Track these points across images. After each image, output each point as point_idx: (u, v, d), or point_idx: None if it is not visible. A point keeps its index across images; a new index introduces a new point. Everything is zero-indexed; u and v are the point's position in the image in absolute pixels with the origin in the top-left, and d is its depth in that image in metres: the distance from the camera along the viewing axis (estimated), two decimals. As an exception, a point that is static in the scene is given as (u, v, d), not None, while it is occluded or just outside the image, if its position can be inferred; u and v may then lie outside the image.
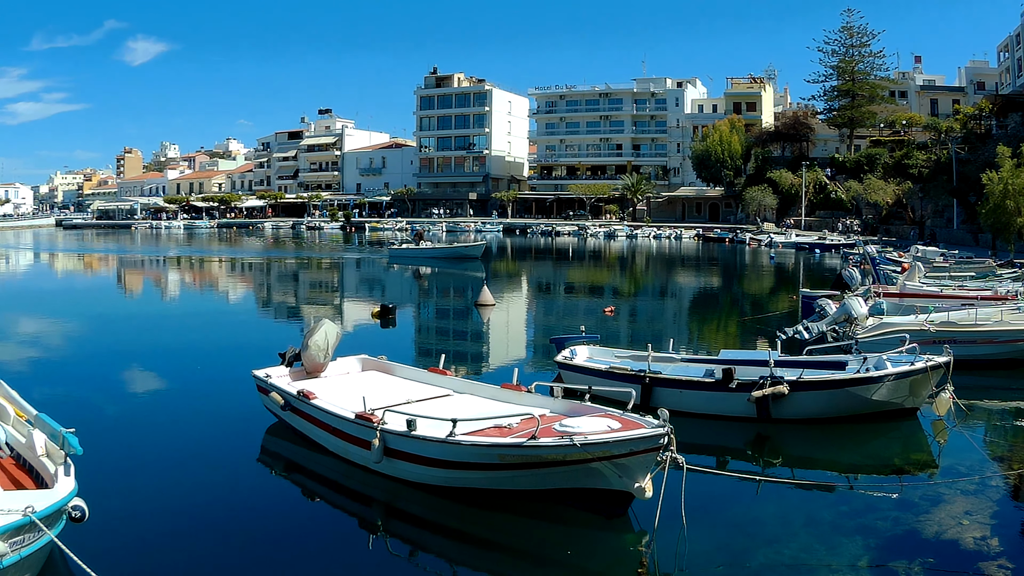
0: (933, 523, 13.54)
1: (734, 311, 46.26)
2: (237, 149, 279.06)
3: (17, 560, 10.17)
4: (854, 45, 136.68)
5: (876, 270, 45.50)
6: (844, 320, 26.93)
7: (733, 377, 19.51)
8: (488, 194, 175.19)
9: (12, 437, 13.96)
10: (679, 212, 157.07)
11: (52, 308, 44.35)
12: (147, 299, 54.14)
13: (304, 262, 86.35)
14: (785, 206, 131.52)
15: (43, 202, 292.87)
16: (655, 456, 13.04)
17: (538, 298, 53.94)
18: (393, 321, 37.26)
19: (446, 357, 20.84)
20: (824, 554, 12.46)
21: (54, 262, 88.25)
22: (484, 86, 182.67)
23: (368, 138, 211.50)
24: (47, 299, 50.62)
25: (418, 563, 12.89)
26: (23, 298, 51.36)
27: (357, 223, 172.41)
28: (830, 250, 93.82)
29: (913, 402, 19.80)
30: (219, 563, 12.48)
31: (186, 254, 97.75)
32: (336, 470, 16.32)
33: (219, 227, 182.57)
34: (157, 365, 27.80)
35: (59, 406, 18.87)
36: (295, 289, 59.98)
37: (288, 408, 17.96)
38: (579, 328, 27.17)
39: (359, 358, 21.68)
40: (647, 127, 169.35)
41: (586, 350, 23.84)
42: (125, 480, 15.83)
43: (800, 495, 15.35)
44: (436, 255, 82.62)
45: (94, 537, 12.21)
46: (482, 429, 14.59)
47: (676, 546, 12.81)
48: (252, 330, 38.24)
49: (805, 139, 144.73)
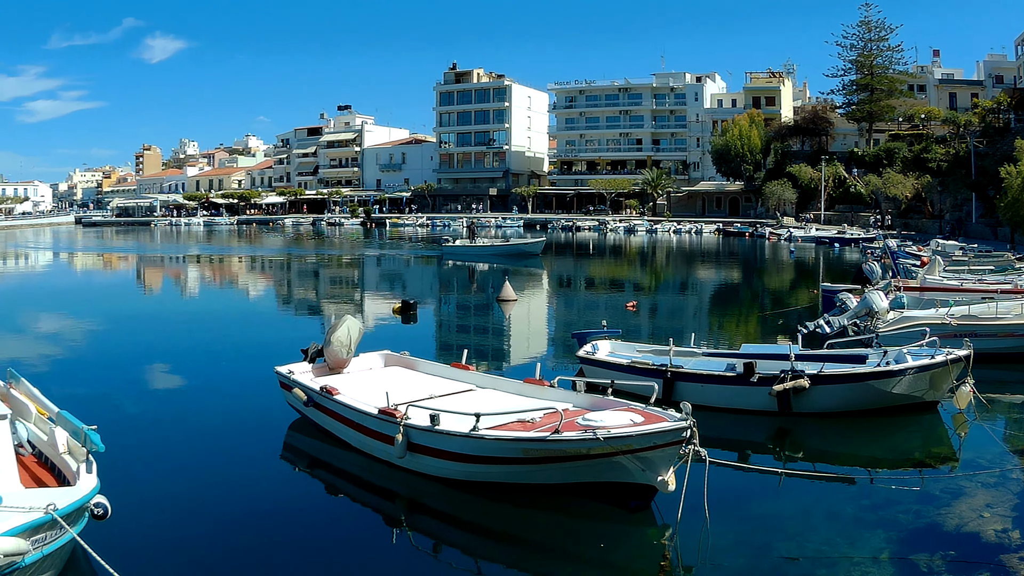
0: (954, 516, 13.55)
1: (755, 305, 46.18)
2: (256, 146, 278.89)
3: (39, 558, 10.16)
4: (872, 39, 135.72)
5: (896, 264, 45.41)
6: (865, 314, 26.86)
7: (754, 371, 19.54)
8: (508, 189, 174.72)
9: (34, 435, 14.03)
10: (699, 207, 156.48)
11: (73, 306, 44.56)
12: (168, 296, 54.33)
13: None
14: (804, 200, 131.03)
15: (62, 200, 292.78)
16: (678, 450, 13.09)
17: (559, 293, 53.91)
18: (414, 317, 37.32)
19: (468, 352, 20.87)
20: (846, 547, 12.49)
21: (73, 261, 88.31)
22: (503, 81, 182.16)
23: (388, 134, 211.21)
24: (68, 297, 50.86)
25: (441, 557, 12.96)
26: (44, 296, 51.57)
27: (377, 219, 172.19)
28: (850, 244, 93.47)
29: (933, 395, 19.79)
30: (242, 560, 12.54)
31: (207, 252, 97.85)
32: (359, 465, 16.40)
33: (239, 224, 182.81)
34: (179, 362, 27.91)
35: (81, 404, 19.02)
36: (317, 286, 60.11)
37: (311, 404, 18.04)
38: (600, 323, 27.14)
39: (382, 354, 21.76)
40: (667, 122, 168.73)
41: (608, 345, 23.88)
42: (147, 477, 15.91)
43: (821, 488, 15.35)
44: (493, 252, 79.42)
45: (116, 535, 12.28)
46: (505, 424, 14.66)
47: (699, 539, 12.88)
48: (274, 327, 38.38)
49: (824, 133, 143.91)
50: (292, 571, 12.20)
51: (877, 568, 11.81)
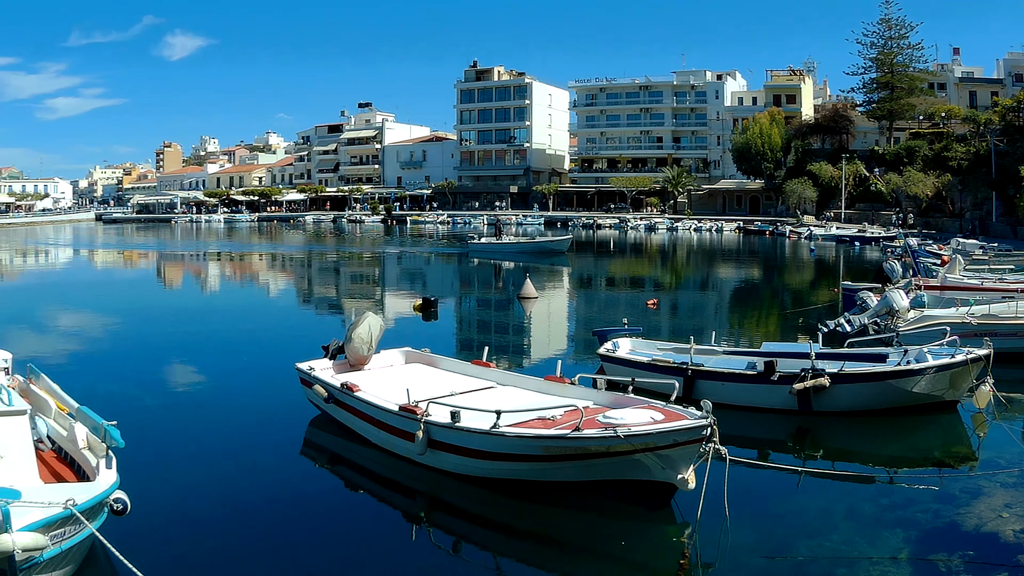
0: (973, 516, 13.52)
1: (775, 304, 46.08)
2: (277, 143, 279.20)
3: (57, 553, 10.19)
4: (893, 37, 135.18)
5: (916, 263, 45.27)
6: (885, 313, 26.81)
7: (775, 369, 19.54)
8: (529, 187, 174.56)
9: (54, 431, 14.12)
10: (720, 205, 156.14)
11: (93, 302, 44.83)
12: (189, 293, 54.51)
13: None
14: (825, 199, 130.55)
15: (82, 197, 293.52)
16: (698, 448, 13.10)
17: (580, 291, 53.94)
18: (435, 314, 37.39)
19: (489, 349, 20.93)
20: (865, 547, 12.48)
21: (93, 257, 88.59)
22: (524, 79, 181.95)
23: (408, 131, 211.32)
24: (88, 293, 51.02)
25: (461, 554, 13.01)
26: (64, 292, 51.75)
27: (398, 216, 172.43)
28: (870, 243, 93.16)
29: (953, 395, 19.74)
30: (261, 557, 12.55)
31: (227, 249, 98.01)
32: (380, 462, 16.46)
33: (260, 221, 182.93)
34: (199, 359, 28.01)
35: (101, 399, 19.08)
36: (337, 283, 60.23)
37: (331, 401, 18.10)
38: (621, 321, 27.14)
39: (403, 351, 21.82)
40: (687, 120, 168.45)
41: (628, 343, 23.87)
42: (167, 473, 15.98)
43: (841, 487, 15.31)
44: (519, 250, 79.21)
45: (136, 530, 12.34)
46: (526, 421, 14.69)
47: (719, 537, 12.89)
48: (295, 323, 38.47)
49: (845, 131, 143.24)
50: (312, 567, 12.24)
51: (896, 568, 11.80)
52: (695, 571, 12.17)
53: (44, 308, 42.01)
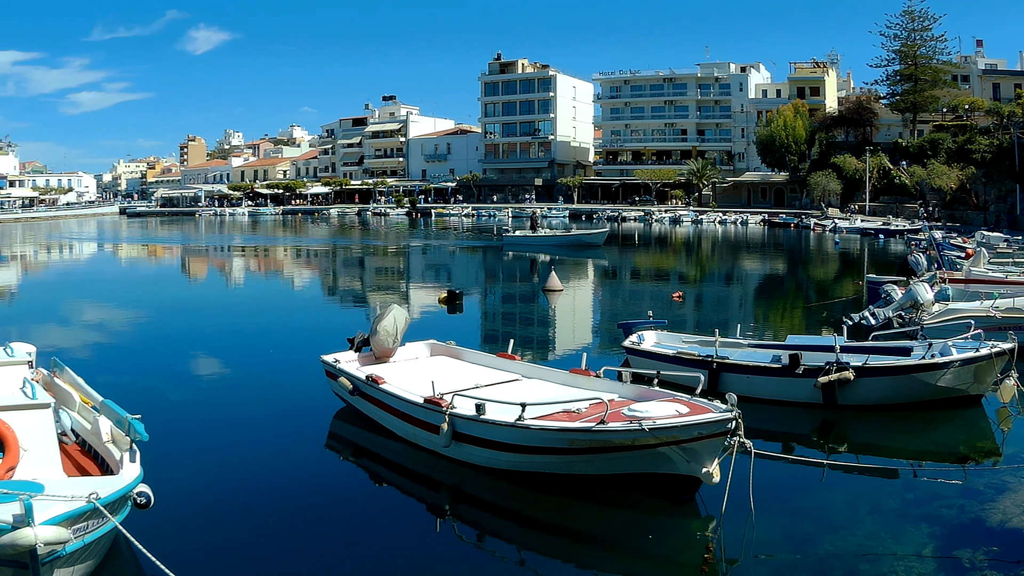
0: (998, 511, 13.42)
1: (800, 297, 45.97)
2: (301, 136, 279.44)
3: (80, 546, 10.15)
4: (916, 29, 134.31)
5: (941, 256, 45.01)
6: (910, 306, 26.66)
7: (799, 363, 19.45)
8: (554, 180, 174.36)
9: (78, 424, 14.18)
10: (744, 197, 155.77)
11: (117, 295, 45.14)
12: (213, 285, 54.89)
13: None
14: (849, 191, 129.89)
15: (106, 190, 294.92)
16: (723, 441, 13.05)
17: (605, 283, 53.91)
18: (460, 307, 37.43)
19: (514, 342, 20.90)
20: (890, 542, 12.40)
21: (117, 251, 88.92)
22: (548, 72, 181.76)
23: (433, 124, 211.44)
24: (112, 286, 51.45)
25: (485, 547, 13.02)
26: (88, 286, 52.11)
27: (423, 209, 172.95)
28: (894, 236, 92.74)
29: (977, 389, 19.58)
30: (285, 550, 12.54)
31: (252, 243, 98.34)
32: (404, 455, 16.47)
33: (284, 214, 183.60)
34: (224, 351, 28.17)
35: (125, 392, 19.09)
36: (363, 275, 60.36)
37: (356, 393, 18.12)
38: (646, 313, 27.10)
39: (428, 343, 21.81)
40: (711, 112, 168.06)
41: (653, 335, 23.82)
42: (191, 466, 16.02)
43: (865, 482, 15.26)
44: (554, 243, 78.75)
45: (159, 523, 12.32)
46: (551, 414, 14.65)
47: (743, 532, 12.82)
48: (320, 315, 38.60)
49: (868, 124, 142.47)
50: (336, 560, 12.26)
51: (920, 564, 11.71)
52: (720, 565, 12.12)
53: (68, 302, 42.28)
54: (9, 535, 9.32)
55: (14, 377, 14.65)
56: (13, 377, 14.68)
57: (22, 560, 9.57)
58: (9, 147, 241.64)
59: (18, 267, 69.71)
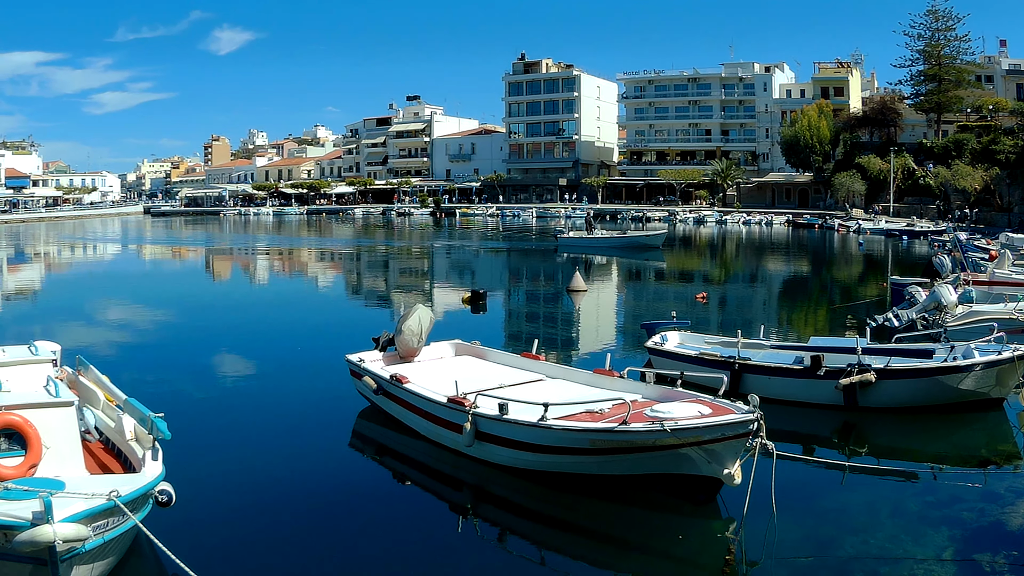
0: (1018, 516, 13.40)
1: (823, 298, 45.79)
2: (325, 136, 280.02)
3: (100, 544, 10.20)
4: (940, 29, 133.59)
5: (965, 257, 44.81)
6: (934, 308, 26.57)
7: (821, 364, 19.44)
8: (578, 180, 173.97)
9: (101, 421, 14.31)
10: (769, 198, 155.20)
11: (142, 294, 45.37)
12: (238, 285, 55.12)
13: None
14: (874, 192, 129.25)
15: (130, 190, 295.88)
16: (745, 442, 13.07)
17: (629, 284, 53.90)
18: (484, 307, 37.50)
19: (538, 342, 20.97)
20: (910, 545, 12.41)
21: (141, 252, 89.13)
22: (572, 71, 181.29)
23: (457, 124, 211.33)
24: (136, 285, 51.69)
25: (507, 546, 13.09)
26: (113, 284, 52.43)
27: (447, 209, 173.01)
28: (919, 237, 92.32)
29: (1000, 392, 19.50)
30: (307, 548, 12.61)
31: (277, 243, 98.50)
32: (428, 454, 16.55)
33: (309, 214, 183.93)
34: (248, 351, 28.29)
35: (149, 391, 19.40)
36: (387, 275, 60.45)
37: (381, 392, 18.23)
38: (670, 314, 27.11)
39: (452, 343, 21.90)
40: (735, 112, 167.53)
41: (676, 336, 23.81)
42: (214, 465, 16.13)
43: (886, 484, 15.25)
44: (611, 244, 77.02)
45: (181, 522, 12.41)
46: (574, 414, 14.71)
47: (765, 534, 12.84)
48: (345, 315, 38.77)
49: (893, 124, 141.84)
50: (358, 559, 12.36)
51: (941, 567, 11.71)
52: (741, 567, 12.15)
53: (93, 300, 42.56)
54: (28, 532, 9.40)
55: (38, 375, 14.83)
56: (37, 375, 14.86)
57: (41, 557, 9.64)
58: (32, 146, 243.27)
59: (42, 266, 70.13)
